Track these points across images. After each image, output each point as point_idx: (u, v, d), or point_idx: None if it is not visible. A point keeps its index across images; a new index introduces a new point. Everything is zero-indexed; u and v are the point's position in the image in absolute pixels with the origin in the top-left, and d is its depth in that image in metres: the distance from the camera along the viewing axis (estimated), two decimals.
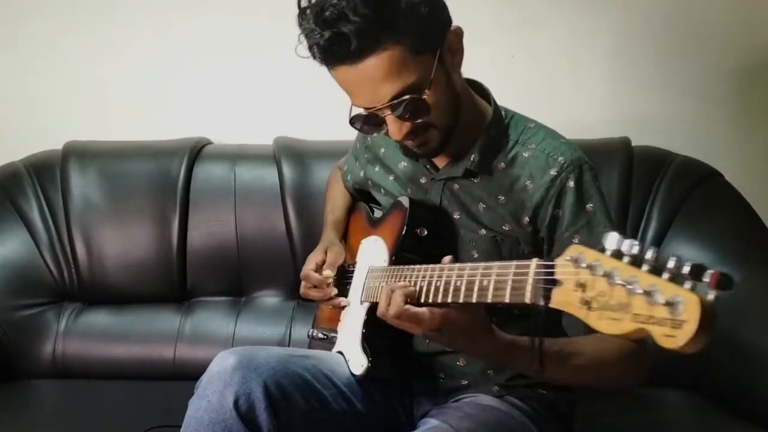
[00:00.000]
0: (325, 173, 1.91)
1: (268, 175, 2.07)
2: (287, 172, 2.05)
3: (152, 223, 2.05)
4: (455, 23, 1.30)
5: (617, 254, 0.83)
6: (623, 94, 2.23)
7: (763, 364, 1.64)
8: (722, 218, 1.94)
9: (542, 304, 0.94)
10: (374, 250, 1.47)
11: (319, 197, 1.89)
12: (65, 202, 2.06)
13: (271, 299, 2.07)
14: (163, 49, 2.28)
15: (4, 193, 2.08)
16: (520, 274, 1.01)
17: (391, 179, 1.52)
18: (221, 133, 2.27)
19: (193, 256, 2.06)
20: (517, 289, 1.00)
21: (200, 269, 2.07)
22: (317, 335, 1.58)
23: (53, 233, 2.06)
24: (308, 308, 1.90)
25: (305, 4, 1.23)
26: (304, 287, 1.57)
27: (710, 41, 2.20)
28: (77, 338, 2.01)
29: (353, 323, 1.44)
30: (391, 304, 1.18)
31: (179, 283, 2.07)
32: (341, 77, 1.26)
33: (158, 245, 2.04)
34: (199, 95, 2.30)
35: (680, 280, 0.77)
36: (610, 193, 1.69)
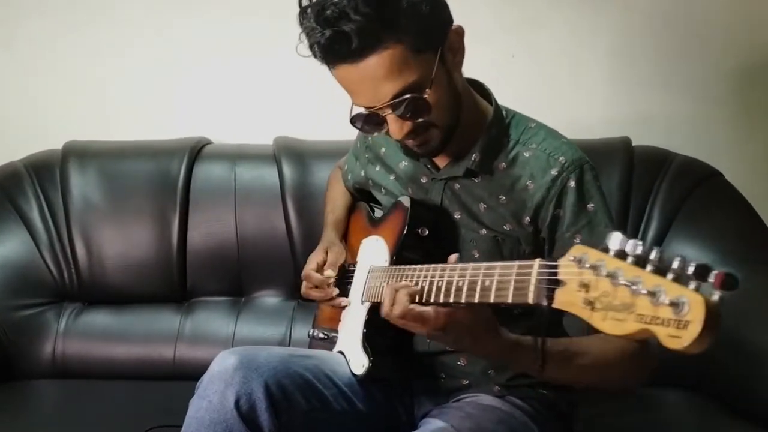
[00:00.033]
0: (325, 173, 1.91)
1: (268, 175, 2.07)
2: (287, 172, 2.05)
3: (152, 223, 2.05)
4: (455, 23, 1.30)
5: (621, 254, 0.83)
6: (623, 94, 2.23)
7: (763, 364, 1.64)
8: (723, 218, 1.94)
9: (545, 304, 0.94)
10: (375, 249, 1.47)
11: (319, 197, 1.89)
12: (65, 202, 2.06)
13: (271, 299, 2.07)
14: (163, 49, 2.28)
15: (3, 193, 2.07)
16: (522, 274, 1.00)
17: (391, 179, 1.52)
18: (221, 133, 2.26)
19: (193, 256, 2.06)
20: (519, 289, 1.00)
21: (200, 269, 2.07)
22: (318, 335, 1.57)
23: (53, 233, 2.06)
24: (308, 308, 1.90)
25: (306, 2, 1.23)
26: (305, 287, 1.57)
27: (710, 41, 2.20)
28: (77, 338, 2.00)
29: (354, 323, 1.43)
30: (395, 303, 1.17)
31: (179, 283, 2.07)
32: (342, 76, 1.26)
33: (158, 245, 2.04)
34: (199, 95, 2.30)
35: (685, 280, 0.77)
36: (610, 193, 1.69)
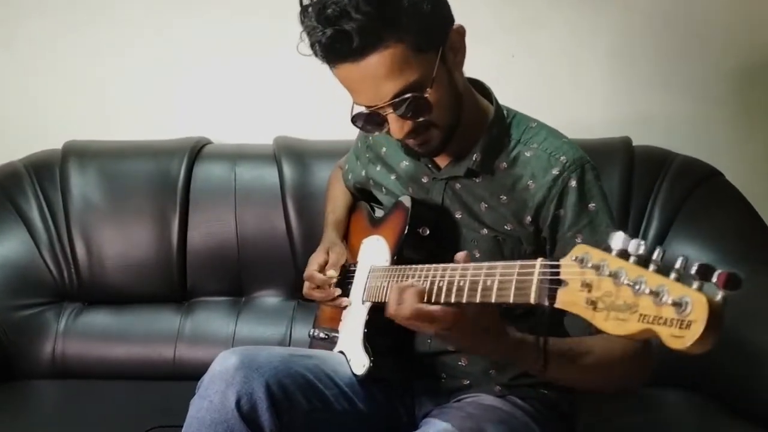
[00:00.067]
0: (325, 173, 1.91)
1: (268, 174, 2.07)
2: (287, 171, 2.05)
3: (152, 223, 2.04)
4: (456, 22, 1.30)
5: (623, 254, 0.83)
6: (623, 94, 2.23)
7: (763, 364, 1.64)
8: (723, 218, 1.94)
9: (547, 304, 0.93)
10: (376, 249, 1.46)
11: (319, 197, 1.89)
12: (65, 201, 2.06)
13: (271, 299, 2.07)
14: (163, 49, 2.28)
15: (3, 192, 2.07)
16: (524, 274, 1.00)
17: (392, 178, 1.52)
18: (221, 133, 2.26)
19: (193, 256, 2.06)
20: (521, 289, 0.99)
21: (200, 269, 2.07)
22: (318, 335, 1.57)
23: (53, 233, 2.05)
24: (309, 308, 1.90)
25: (307, 1, 1.23)
26: (307, 288, 1.57)
27: (710, 41, 2.20)
28: (77, 338, 2.00)
29: (354, 323, 1.43)
30: (403, 303, 1.15)
31: (179, 283, 2.06)
32: (343, 75, 1.26)
33: (158, 245, 2.04)
34: (199, 95, 2.30)
35: (688, 280, 0.76)
36: (611, 192, 1.68)
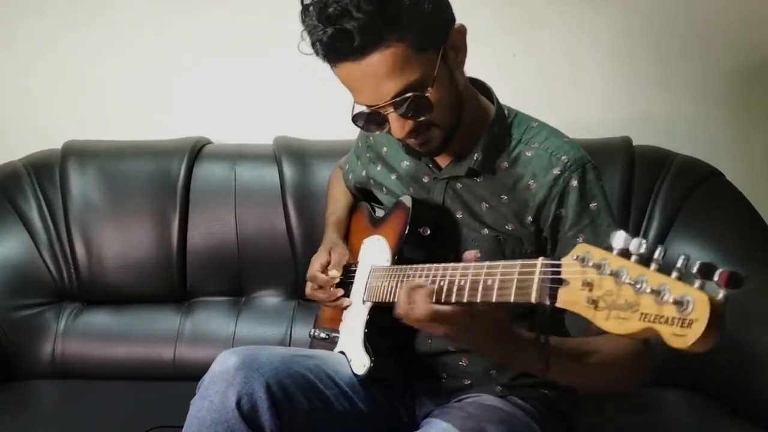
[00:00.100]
0: (325, 173, 1.91)
1: (268, 174, 2.06)
2: (288, 171, 2.05)
3: (152, 223, 2.04)
4: (457, 22, 1.30)
5: (624, 253, 0.83)
6: (623, 94, 2.23)
7: (763, 364, 1.64)
8: (723, 217, 1.94)
9: (548, 303, 0.93)
10: (376, 249, 1.46)
11: (319, 197, 1.89)
12: (64, 201, 2.05)
13: (271, 299, 2.07)
14: (163, 49, 2.28)
15: (3, 192, 2.07)
16: (525, 273, 0.99)
17: (393, 178, 1.52)
18: (221, 133, 2.26)
19: (193, 256, 2.06)
20: (522, 288, 0.99)
21: (200, 269, 2.06)
22: (319, 335, 1.57)
23: (52, 233, 2.05)
24: (309, 308, 1.90)
25: (308, 0, 1.22)
26: (310, 288, 1.56)
27: (710, 41, 2.20)
28: (77, 338, 2.00)
29: (355, 323, 1.43)
30: (414, 303, 1.13)
31: (179, 283, 2.06)
32: (344, 74, 1.25)
33: (158, 245, 2.04)
34: (199, 95, 2.30)
35: (689, 279, 0.76)
36: (611, 192, 1.69)
